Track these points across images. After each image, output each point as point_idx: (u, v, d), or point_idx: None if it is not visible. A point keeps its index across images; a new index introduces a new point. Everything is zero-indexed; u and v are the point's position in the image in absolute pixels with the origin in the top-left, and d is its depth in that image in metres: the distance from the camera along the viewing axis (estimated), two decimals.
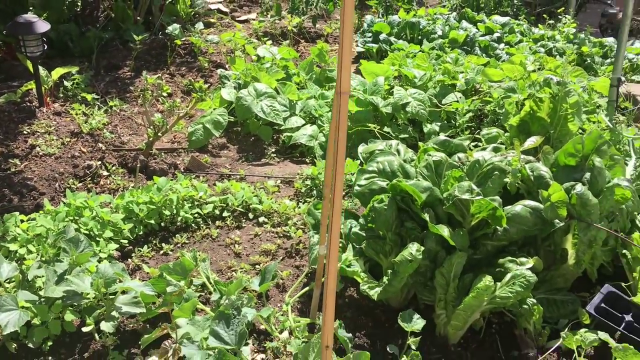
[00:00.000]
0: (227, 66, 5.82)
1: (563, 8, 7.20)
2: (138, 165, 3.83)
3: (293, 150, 4.35)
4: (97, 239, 2.94)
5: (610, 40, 6.19)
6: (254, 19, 7.83)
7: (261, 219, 3.42)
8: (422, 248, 2.43)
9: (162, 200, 3.30)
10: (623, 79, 4.76)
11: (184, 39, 6.12)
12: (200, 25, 6.34)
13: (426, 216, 2.55)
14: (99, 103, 4.80)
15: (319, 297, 2.56)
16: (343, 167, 1.39)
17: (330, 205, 1.47)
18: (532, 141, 3.14)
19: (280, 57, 5.17)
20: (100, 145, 4.12)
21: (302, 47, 6.82)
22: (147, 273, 2.87)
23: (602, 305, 2.53)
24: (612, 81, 4.71)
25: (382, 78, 4.41)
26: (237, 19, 7.97)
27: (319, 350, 2.06)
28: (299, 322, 2.50)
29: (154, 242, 3.20)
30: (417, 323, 2.34)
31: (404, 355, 2.28)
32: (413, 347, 2.29)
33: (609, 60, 5.73)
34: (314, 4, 7.20)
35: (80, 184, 3.70)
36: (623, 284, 2.70)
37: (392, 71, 4.74)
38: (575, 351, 2.32)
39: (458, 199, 2.53)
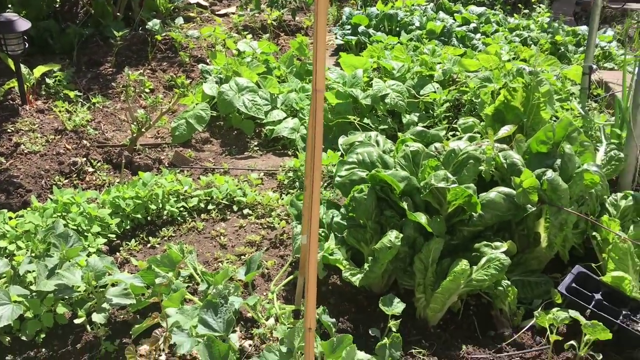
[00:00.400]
0: (208, 61, 5.87)
1: None
2: (123, 161, 3.89)
3: (275, 143, 4.43)
4: (85, 234, 3.01)
5: (583, 29, 6.33)
6: (233, 13, 7.86)
7: (245, 211, 3.50)
8: (401, 235, 2.53)
9: (148, 194, 3.37)
10: (595, 66, 4.89)
11: (164, 34, 6.15)
12: (180, 20, 6.37)
13: (404, 204, 2.65)
14: (81, 100, 4.83)
15: (303, 284, 2.66)
16: (320, 160, 1.48)
17: (310, 197, 1.56)
18: (505, 130, 3.26)
19: (261, 51, 5.23)
20: (85, 142, 4.16)
21: (282, 40, 6.88)
22: (136, 266, 2.94)
23: (573, 285, 2.66)
24: (584, 69, 4.84)
25: (361, 70, 4.50)
26: (216, 12, 8.00)
27: (304, 334, 2.16)
28: (284, 309, 2.60)
29: (141, 236, 3.28)
30: (397, 307, 2.44)
31: (385, 338, 2.39)
32: (394, 329, 2.39)
33: (582, 49, 5.87)
34: None
35: (66, 180, 3.75)
36: (593, 265, 2.83)
37: (371, 63, 4.83)
38: (548, 329, 2.44)
39: (435, 187, 2.63)
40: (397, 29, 6.08)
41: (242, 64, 4.84)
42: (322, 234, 2.92)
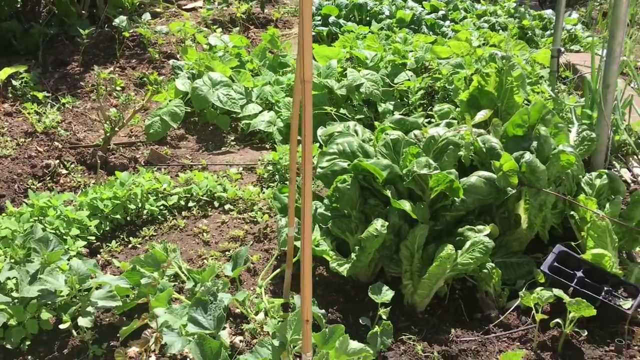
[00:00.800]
0: (178, 56, 5.79)
1: None
2: (99, 161, 3.82)
3: (252, 137, 4.41)
4: (64, 237, 2.95)
5: (548, 12, 6.43)
6: (201, 7, 7.76)
7: (227, 207, 3.48)
8: (387, 223, 2.55)
9: (126, 194, 3.32)
10: (562, 49, 4.99)
11: (132, 30, 6.05)
12: (147, 16, 6.27)
13: (388, 193, 2.66)
14: (50, 101, 4.72)
15: (291, 277, 2.66)
16: (311, 152, 1.48)
17: (302, 189, 1.56)
18: (482, 114, 3.30)
19: (233, 44, 5.18)
20: (57, 143, 4.08)
21: (252, 33, 6.83)
22: (118, 267, 2.90)
23: (555, 264, 2.71)
24: (552, 52, 4.93)
25: (335, 61, 4.50)
26: (183, 7, 7.89)
27: (296, 326, 2.16)
28: (273, 302, 2.59)
29: (122, 236, 3.23)
30: (387, 294, 2.46)
31: (376, 326, 2.40)
32: (384, 317, 2.41)
33: (548, 32, 5.97)
34: None
35: (40, 184, 3.66)
36: (573, 243, 2.89)
37: (344, 53, 4.83)
38: (533, 308, 2.49)
39: (417, 174, 2.65)
40: (368, 18, 6.08)
41: (215, 59, 4.79)
42: None
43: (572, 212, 2.98)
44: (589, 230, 2.80)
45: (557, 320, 2.45)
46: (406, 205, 2.61)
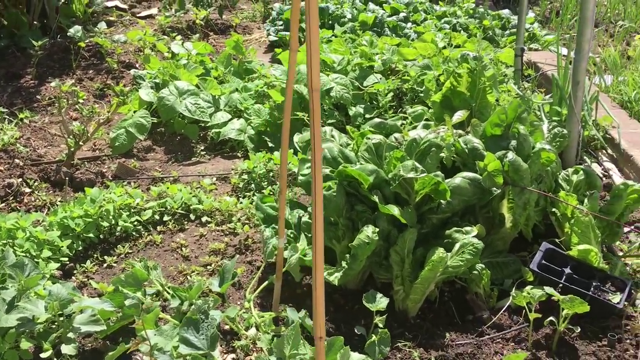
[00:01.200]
0: (137, 66, 5.62)
1: None
2: (66, 178, 3.65)
3: (223, 146, 4.30)
4: (36, 260, 2.79)
5: (506, 12, 6.55)
6: (156, 14, 7.59)
7: (204, 219, 3.37)
8: (377, 229, 2.50)
9: (98, 211, 3.18)
10: (525, 48, 5.08)
11: (87, 40, 5.84)
12: (103, 25, 6.06)
13: (375, 198, 2.62)
14: (7, 116, 4.50)
15: (280, 289, 2.59)
16: (320, 160, 1.42)
17: (313, 201, 1.49)
18: (459, 115, 3.30)
19: (196, 52, 5.06)
20: (17, 161, 3.88)
21: (212, 40, 6.70)
22: (95, 289, 2.76)
23: (543, 261, 2.72)
24: (516, 51, 5.02)
25: (304, 66, 4.44)
26: (137, 15, 7.69)
27: (294, 341, 2.09)
28: (264, 317, 2.51)
29: (95, 256, 3.08)
30: (381, 302, 2.41)
31: (373, 335, 2.35)
32: (380, 325, 2.36)
33: (508, 32, 6.07)
34: None
35: (3, 204, 3.47)
36: (557, 240, 2.92)
37: None
38: (526, 307, 2.49)
39: (404, 178, 2.62)
40: (330, 22, 6.05)
41: (179, 67, 4.66)
42: (291, 235, 2.85)
43: (553, 209, 3.01)
44: (573, 226, 2.82)
45: (551, 318, 2.45)
46: (394, 209, 2.57)
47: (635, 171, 3.69)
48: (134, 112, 4.35)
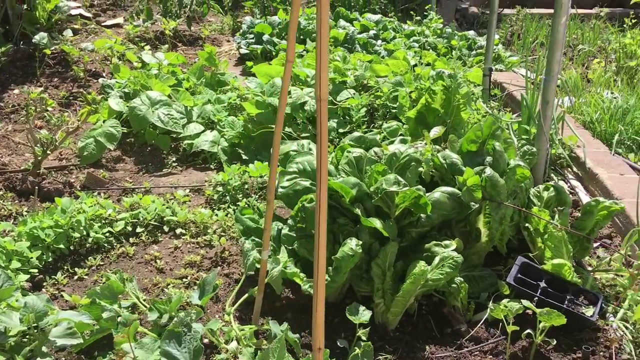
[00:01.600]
0: (104, 74, 5.52)
1: (429, 5, 7.68)
2: (35, 188, 3.53)
3: (195, 158, 4.25)
4: (5, 271, 2.68)
5: (471, 34, 6.72)
6: (122, 24, 7.48)
7: (178, 231, 3.31)
8: (361, 242, 2.51)
9: (69, 222, 3.08)
10: (493, 68, 5.21)
11: (52, 47, 5.70)
12: (69, 33, 5.94)
13: (358, 211, 2.63)
14: None
15: (261, 302, 2.56)
16: (326, 172, 1.41)
17: (317, 213, 1.48)
18: (436, 131, 3.36)
19: (168, 62, 5.00)
20: None
21: (180, 50, 6.64)
22: (67, 301, 2.67)
23: (519, 275, 2.78)
24: (484, 71, 5.15)
25: (279, 79, 4.44)
26: (102, 24, 7.57)
27: (280, 355, 2.06)
28: (244, 330, 2.47)
29: (66, 267, 2.99)
30: (364, 315, 2.41)
31: (356, 348, 2.34)
32: (364, 338, 2.36)
33: (474, 52, 6.22)
34: (188, 7, 7.03)
35: None
36: (530, 254, 2.98)
37: None
38: (503, 320, 2.53)
39: (386, 191, 2.64)
40: (301, 37, 6.08)
41: (150, 77, 4.59)
42: (270, 248, 2.82)
43: (526, 224, 3.08)
44: (546, 241, 2.89)
45: (529, 330, 2.50)
46: (377, 222, 2.59)
47: (600, 189, 3.81)
48: (103, 121, 4.26)
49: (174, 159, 4.23)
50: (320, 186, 1.42)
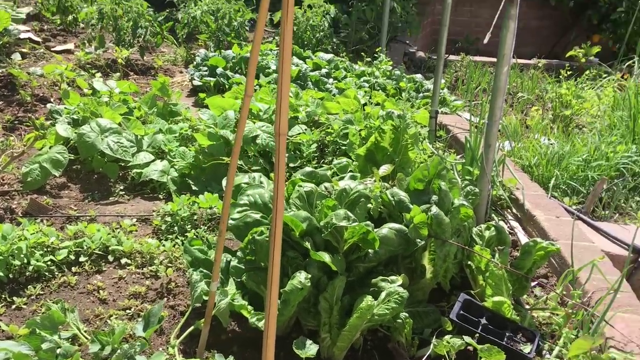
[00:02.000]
0: (52, 100, 5.42)
1: (379, 47, 7.94)
2: None
3: (144, 187, 4.20)
4: None
5: (419, 77, 6.98)
6: (73, 50, 7.38)
7: (123, 261, 3.25)
8: (309, 275, 2.54)
9: (9, 249, 2.99)
10: (439, 110, 5.43)
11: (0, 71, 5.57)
12: (17, 57, 5.82)
13: (307, 244, 2.67)
14: None
15: (207, 335, 2.53)
16: (282, 206, 1.45)
17: (271, 247, 1.51)
18: (385, 169, 3.46)
19: (119, 90, 4.96)
20: None
21: (132, 79, 6.60)
22: (4, 331, 2.57)
23: (461, 312, 2.86)
24: (431, 113, 5.35)
25: (232, 112, 4.48)
26: (52, 49, 7.44)
27: None
28: None
29: (4, 296, 2.88)
30: (311, 349, 2.43)
31: None
32: None
33: (421, 94, 6.46)
34: (141, 37, 7.02)
35: None
36: (472, 291, 3.08)
37: (238, 104, 4.83)
38: (446, 356, 2.59)
39: (335, 226, 2.69)
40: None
41: (101, 104, 4.55)
42: (219, 279, 2.81)
43: (469, 262, 3.19)
44: (487, 279, 3.00)
45: None
46: (326, 257, 2.63)
47: (537, 230, 3.99)
48: (50, 147, 4.17)
49: (121, 187, 4.17)
50: (276, 219, 1.46)
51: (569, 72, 7.87)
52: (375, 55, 7.57)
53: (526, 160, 5.08)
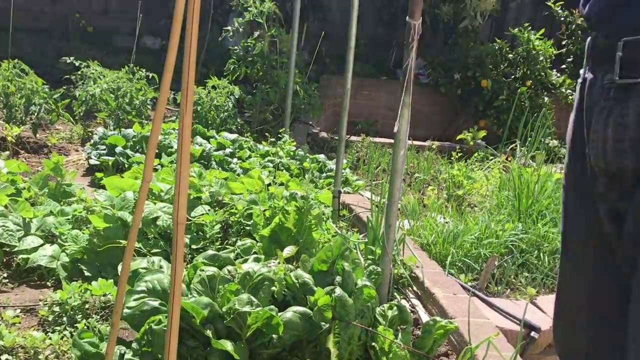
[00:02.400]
0: None
1: (283, 128, 8.12)
2: None
3: (30, 274, 3.90)
4: None
5: (322, 157, 7.16)
6: None
7: (4, 357, 2.95)
8: None
9: None
10: (342, 191, 5.56)
11: None
12: None
13: (209, 332, 2.56)
14: None
15: None
16: (179, 297, 1.39)
17: (167, 338, 1.44)
18: (289, 250, 3.45)
19: (7, 170, 4.68)
20: None
21: (22, 158, 6.27)
22: None
23: None
24: (334, 193, 5.46)
25: (130, 193, 4.34)
26: None
27: None
28: None
29: None
30: None
31: None
32: None
33: (324, 174, 6.61)
34: (35, 113, 6.75)
35: None
36: None
37: (138, 184, 4.70)
38: None
39: (238, 312, 2.62)
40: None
41: None
42: None
43: (372, 343, 3.19)
44: (392, 359, 3.01)
45: None
46: (228, 345, 2.53)
47: (437, 307, 4.09)
48: None
49: (4, 275, 3.84)
50: (173, 310, 1.39)
51: (459, 154, 8.40)
52: (279, 135, 7.73)
53: (424, 238, 5.27)
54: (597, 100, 1.57)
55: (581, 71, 1.73)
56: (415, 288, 4.45)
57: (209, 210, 4.60)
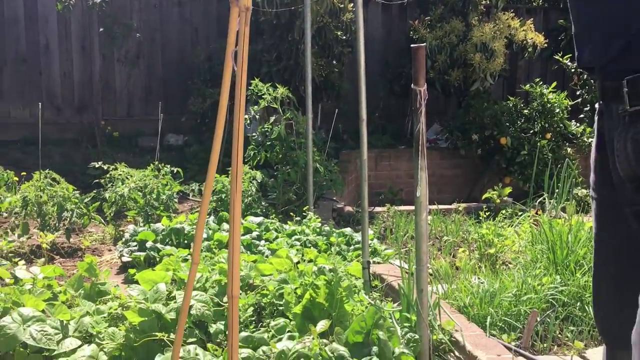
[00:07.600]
0: None
1: (307, 207, 8.21)
2: None
3: None
4: None
5: (348, 230, 7.19)
6: None
7: None
8: None
9: None
10: (370, 261, 5.55)
11: None
12: None
13: None
14: None
15: None
16: None
17: None
18: (322, 325, 3.43)
19: (43, 276, 4.81)
20: None
21: (58, 263, 6.43)
22: None
23: None
24: (363, 264, 5.45)
25: (163, 284, 4.40)
26: None
27: None
28: None
29: None
30: None
31: None
32: None
33: (352, 247, 6.62)
34: (67, 219, 6.98)
35: None
36: None
37: (169, 276, 4.77)
38: None
39: None
40: (185, 241, 6.18)
41: (24, 292, 4.36)
42: None
43: None
44: None
45: None
46: None
47: None
48: None
49: None
50: None
51: (487, 213, 8.35)
52: (304, 213, 7.81)
53: (460, 301, 5.17)
54: (616, 125, 2.06)
55: (596, 105, 2.30)
56: (457, 353, 4.33)
57: (240, 294, 4.61)
